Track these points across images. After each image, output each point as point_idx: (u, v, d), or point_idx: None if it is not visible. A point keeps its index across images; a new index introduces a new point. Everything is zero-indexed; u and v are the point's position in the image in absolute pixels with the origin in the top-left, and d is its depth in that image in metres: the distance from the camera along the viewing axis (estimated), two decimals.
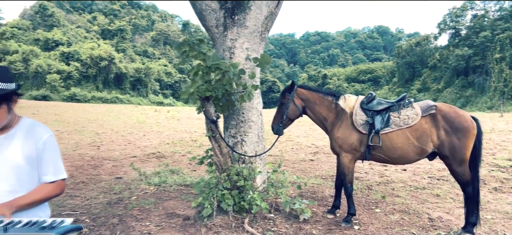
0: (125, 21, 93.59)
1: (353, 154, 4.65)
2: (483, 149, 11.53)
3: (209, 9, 4.89)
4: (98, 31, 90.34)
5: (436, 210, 5.41)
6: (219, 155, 4.66)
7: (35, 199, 1.81)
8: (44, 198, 1.86)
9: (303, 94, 4.98)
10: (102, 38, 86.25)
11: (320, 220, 4.89)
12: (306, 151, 11.92)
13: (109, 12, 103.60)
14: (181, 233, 4.34)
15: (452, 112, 4.36)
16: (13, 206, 1.69)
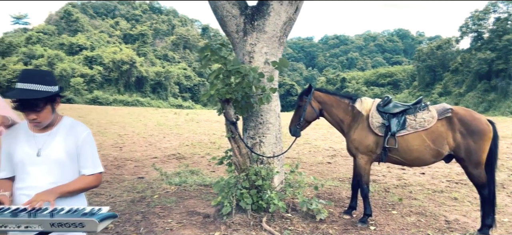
0: (146, 26, 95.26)
1: (369, 156, 4.74)
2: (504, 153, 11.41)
3: (229, 15, 5.08)
4: (120, 35, 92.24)
5: (453, 213, 5.44)
6: (238, 155, 4.82)
7: (76, 188, 2.01)
8: (83, 187, 2.05)
9: (320, 97, 5.10)
10: (124, 42, 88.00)
11: (336, 220, 4.99)
12: (323, 154, 11.98)
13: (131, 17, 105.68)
14: (201, 230, 4.52)
15: (468, 116, 4.41)
16: (56, 192, 1.89)
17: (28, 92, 1.84)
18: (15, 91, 1.85)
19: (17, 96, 1.84)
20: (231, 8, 5.07)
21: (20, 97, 1.84)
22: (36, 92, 1.85)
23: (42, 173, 1.97)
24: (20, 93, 1.84)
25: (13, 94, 1.84)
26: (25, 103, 1.86)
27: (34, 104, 1.88)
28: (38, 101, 1.88)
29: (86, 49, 75.18)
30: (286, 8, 5.01)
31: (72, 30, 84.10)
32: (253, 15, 5.04)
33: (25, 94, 1.84)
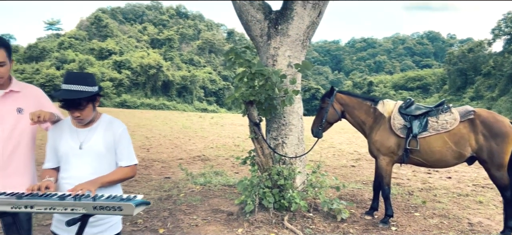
0: (173, 31, 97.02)
1: (390, 157, 4.80)
2: None
3: (254, 20, 5.26)
4: (148, 40, 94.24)
5: (477, 216, 5.40)
6: (261, 156, 4.98)
7: (114, 178, 2.22)
8: (120, 178, 2.26)
9: (342, 99, 5.20)
10: (151, 47, 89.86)
11: (357, 220, 5.07)
12: (348, 158, 11.97)
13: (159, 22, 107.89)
14: (225, 227, 4.70)
15: (491, 118, 4.40)
16: (97, 183, 2.10)
17: (72, 92, 2.06)
18: (60, 92, 2.08)
19: (63, 96, 2.06)
20: (255, 13, 5.25)
21: (65, 98, 2.06)
22: (79, 92, 2.07)
23: (83, 164, 2.19)
24: (65, 93, 2.06)
25: (59, 94, 2.07)
26: (70, 103, 2.09)
27: (78, 103, 2.09)
28: (81, 101, 2.09)
29: (115, 54, 77.20)
30: (310, 12, 5.14)
31: (102, 36, 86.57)
32: (277, 19, 5.20)
33: (69, 94, 2.05)
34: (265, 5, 5.38)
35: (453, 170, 9.31)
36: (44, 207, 1.84)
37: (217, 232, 4.48)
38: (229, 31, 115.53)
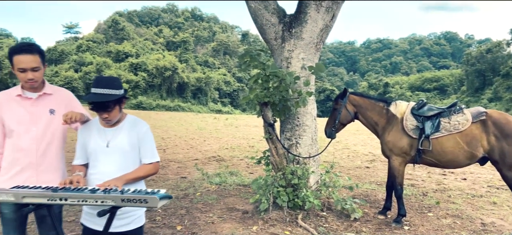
0: (188, 33, 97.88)
1: (403, 158, 4.87)
2: None
3: (269, 24, 5.40)
4: (164, 43, 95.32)
5: (490, 216, 5.42)
6: (276, 155, 5.11)
7: (138, 175, 2.38)
8: (144, 175, 2.43)
9: (355, 100, 5.29)
10: (167, 49, 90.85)
11: (371, 220, 5.15)
12: (362, 159, 11.99)
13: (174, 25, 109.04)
14: (240, 224, 4.84)
15: (502, 119, 4.44)
16: (123, 179, 2.27)
17: (101, 96, 2.23)
18: (90, 95, 2.25)
19: (93, 99, 2.23)
20: (270, 16, 5.39)
21: (96, 100, 2.23)
22: (108, 95, 2.24)
23: (110, 161, 2.36)
24: (95, 97, 2.24)
25: (89, 97, 2.24)
26: (99, 105, 2.26)
27: (106, 105, 2.27)
28: (109, 103, 2.27)
29: (132, 56, 78.29)
30: (323, 15, 5.25)
31: (119, 38, 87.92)
32: (291, 23, 5.33)
33: (99, 97, 2.23)
34: (279, 9, 5.51)
35: (468, 171, 9.26)
36: (77, 199, 2.01)
37: (232, 229, 4.63)
38: (243, 33, 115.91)
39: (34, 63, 2.39)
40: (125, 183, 2.26)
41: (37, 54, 2.41)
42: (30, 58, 2.37)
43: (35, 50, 2.40)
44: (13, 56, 2.36)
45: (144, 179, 2.51)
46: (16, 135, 2.46)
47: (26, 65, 2.37)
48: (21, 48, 2.37)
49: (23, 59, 2.36)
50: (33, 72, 2.40)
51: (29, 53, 2.37)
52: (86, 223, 2.41)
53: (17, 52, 2.36)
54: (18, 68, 2.37)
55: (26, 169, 2.48)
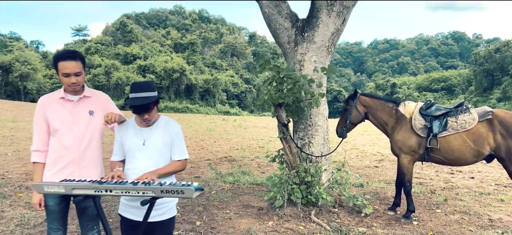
0: (196, 35, 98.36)
1: (412, 156, 5.07)
2: None
3: (282, 28, 5.63)
4: (171, 45, 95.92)
5: (498, 213, 5.59)
6: (289, 154, 5.34)
7: (169, 171, 2.62)
8: (174, 170, 2.67)
9: (365, 101, 5.50)
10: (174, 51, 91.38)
11: (381, 215, 5.35)
12: (371, 158, 12.16)
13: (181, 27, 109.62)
14: (256, 220, 5.07)
15: (508, 118, 4.63)
16: (156, 173, 2.50)
17: (141, 99, 2.47)
18: (132, 99, 2.49)
19: (136, 103, 2.47)
20: (283, 21, 5.63)
21: (138, 104, 2.47)
22: (147, 98, 2.48)
23: (146, 157, 2.59)
24: (136, 101, 2.47)
25: (131, 101, 2.48)
26: (140, 108, 2.50)
27: (147, 107, 2.51)
28: (149, 105, 2.51)
29: (140, 58, 78.93)
30: (334, 20, 5.47)
31: (127, 41, 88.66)
32: (303, 27, 5.56)
33: (140, 101, 2.46)
34: (292, 14, 5.74)
35: (476, 170, 9.41)
36: (121, 190, 2.26)
37: (249, 224, 4.86)
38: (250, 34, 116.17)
39: (76, 68, 2.65)
40: (158, 177, 2.50)
41: (79, 61, 2.67)
42: (73, 64, 2.63)
43: (77, 57, 2.66)
44: (58, 62, 2.62)
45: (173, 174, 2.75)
46: (60, 134, 2.71)
47: (70, 71, 2.62)
48: (65, 55, 2.63)
49: (67, 65, 2.61)
50: (76, 76, 2.66)
51: (72, 60, 2.62)
52: (124, 213, 2.65)
53: (62, 59, 2.61)
54: (62, 73, 2.63)
55: (69, 164, 2.73)
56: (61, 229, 2.81)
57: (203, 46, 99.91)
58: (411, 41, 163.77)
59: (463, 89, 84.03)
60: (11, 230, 4.54)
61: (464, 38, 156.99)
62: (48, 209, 2.76)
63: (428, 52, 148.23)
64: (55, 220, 2.77)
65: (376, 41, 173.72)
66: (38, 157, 2.73)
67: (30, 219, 4.95)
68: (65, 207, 2.82)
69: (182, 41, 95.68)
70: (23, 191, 6.53)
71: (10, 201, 5.83)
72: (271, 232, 4.59)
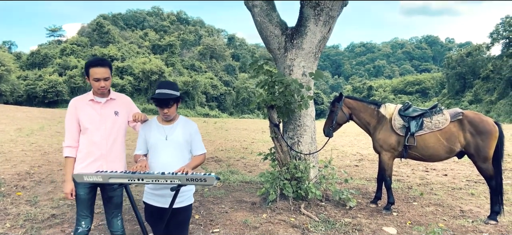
0: (174, 37, 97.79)
1: (392, 153, 5.59)
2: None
3: (273, 35, 6.07)
4: (149, 46, 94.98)
5: (468, 205, 6.18)
6: (280, 152, 5.77)
7: (197, 164, 3.01)
8: (200, 163, 3.05)
9: (349, 103, 6.00)
10: (153, 53, 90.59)
11: (364, 208, 5.85)
12: (351, 158, 12.75)
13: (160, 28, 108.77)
14: (250, 213, 5.47)
15: (476, 118, 5.21)
16: (190, 166, 2.87)
17: (164, 94, 2.85)
18: (156, 94, 2.86)
19: (158, 97, 2.84)
20: (274, 29, 6.06)
21: (160, 98, 2.84)
22: (169, 94, 2.86)
23: (168, 151, 2.95)
24: (159, 95, 2.84)
25: (155, 95, 2.85)
26: (162, 102, 2.87)
27: (167, 102, 2.88)
28: (169, 101, 2.88)
29: (117, 60, 77.78)
30: (321, 28, 5.95)
31: (104, 42, 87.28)
32: (293, 34, 6.01)
33: (163, 96, 2.84)
34: (282, 22, 6.19)
35: (449, 168, 10.09)
36: (151, 179, 2.62)
37: (244, 217, 5.25)
38: (230, 36, 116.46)
39: (105, 74, 3.00)
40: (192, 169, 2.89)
41: (108, 67, 3.02)
42: (103, 70, 2.98)
43: (106, 64, 3.01)
44: (89, 68, 2.97)
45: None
46: (90, 132, 3.05)
47: (100, 76, 2.97)
48: (96, 63, 2.98)
49: (97, 71, 2.96)
50: (105, 81, 3.01)
51: (102, 66, 2.97)
52: (148, 201, 3.01)
53: (93, 66, 2.96)
54: (93, 78, 2.97)
55: (98, 159, 3.07)
56: (89, 216, 3.14)
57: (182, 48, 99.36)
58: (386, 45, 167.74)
59: (437, 92, 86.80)
60: (21, 225, 4.79)
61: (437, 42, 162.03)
62: (79, 198, 3.09)
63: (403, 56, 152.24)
64: (84, 207, 3.11)
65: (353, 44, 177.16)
66: (70, 152, 3.05)
67: (36, 215, 5.20)
68: (93, 197, 3.16)
69: (160, 43, 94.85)
70: (20, 190, 6.72)
71: (11, 200, 6.03)
72: (265, 223, 5.00)
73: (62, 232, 4.60)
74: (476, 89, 69.42)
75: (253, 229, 4.81)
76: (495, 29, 69.21)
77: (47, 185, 7.29)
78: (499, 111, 58.39)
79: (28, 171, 8.67)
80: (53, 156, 11.43)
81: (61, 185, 7.29)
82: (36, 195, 6.37)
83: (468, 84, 74.10)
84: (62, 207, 5.68)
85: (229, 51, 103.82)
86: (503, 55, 65.88)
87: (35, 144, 14.45)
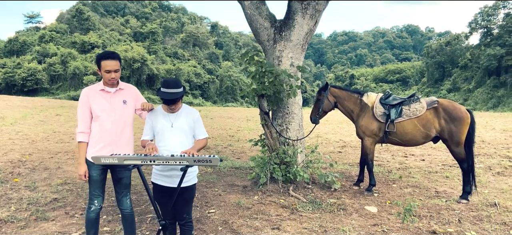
0: (156, 24, 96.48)
1: (373, 138, 6.02)
2: (500, 143, 12.55)
3: (262, 27, 6.38)
4: (131, 33, 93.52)
5: (443, 187, 6.69)
6: (270, 139, 6.12)
7: (201, 146, 3.31)
8: (203, 146, 3.36)
9: (335, 92, 6.39)
10: (134, 40, 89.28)
11: (347, 190, 6.29)
12: (334, 145, 13.24)
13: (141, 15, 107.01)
14: (243, 195, 5.84)
15: (450, 106, 5.67)
16: (196, 149, 3.17)
17: (172, 94, 3.11)
18: (163, 94, 3.13)
19: (166, 97, 3.12)
20: (263, 21, 6.37)
21: (168, 98, 3.12)
22: (176, 94, 3.13)
23: (174, 137, 3.25)
24: (167, 95, 3.11)
25: (162, 95, 3.12)
26: (169, 101, 3.16)
27: (175, 100, 3.17)
28: (177, 99, 3.18)
29: (98, 47, 76.42)
30: (308, 21, 6.28)
31: (84, 29, 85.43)
32: (281, 27, 6.33)
33: (171, 96, 3.11)
34: (271, 15, 6.50)
35: (426, 153, 10.67)
36: (162, 160, 2.93)
37: (237, 199, 5.61)
38: (212, 24, 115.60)
39: (116, 66, 3.27)
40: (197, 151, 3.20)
41: (118, 60, 3.29)
42: (114, 63, 3.25)
43: (116, 57, 3.29)
44: (101, 61, 3.24)
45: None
46: (101, 119, 3.32)
47: (111, 68, 3.24)
48: (107, 56, 3.24)
49: (109, 64, 3.23)
50: (115, 73, 3.28)
51: (113, 59, 3.25)
52: (156, 181, 3.31)
53: (104, 58, 3.23)
54: (104, 70, 3.24)
55: (109, 144, 3.35)
56: (101, 195, 3.44)
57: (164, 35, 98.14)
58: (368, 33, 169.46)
59: (416, 80, 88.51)
60: (25, 208, 5.03)
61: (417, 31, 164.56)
62: (92, 179, 3.37)
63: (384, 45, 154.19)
64: (97, 187, 3.40)
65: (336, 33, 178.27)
66: (83, 137, 3.33)
67: (39, 199, 5.44)
68: (104, 178, 3.45)
69: (142, 30, 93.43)
70: (16, 176, 6.90)
71: (10, 185, 6.23)
72: (257, 204, 5.37)
73: (66, 214, 4.87)
74: (454, 78, 71.14)
75: (246, 209, 5.17)
76: (473, 19, 70.84)
77: (41, 171, 7.49)
78: (476, 99, 60.23)
79: (20, 158, 8.81)
80: (41, 144, 11.53)
81: (56, 172, 7.50)
82: (33, 181, 6.58)
83: (447, 73, 75.81)
84: (61, 192, 5.92)
85: (212, 39, 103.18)
86: (481, 45, 67.58)
87: (20, 132, 14.45)
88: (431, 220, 4.82)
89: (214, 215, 4.96)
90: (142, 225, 4.61)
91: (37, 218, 4.69)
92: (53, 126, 17.88)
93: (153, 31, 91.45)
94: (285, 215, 4.99)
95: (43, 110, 27.36)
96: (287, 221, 4.74)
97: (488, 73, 63.03)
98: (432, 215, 4.99)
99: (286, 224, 4.62)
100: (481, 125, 21.50)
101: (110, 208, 5.18)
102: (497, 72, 61.51)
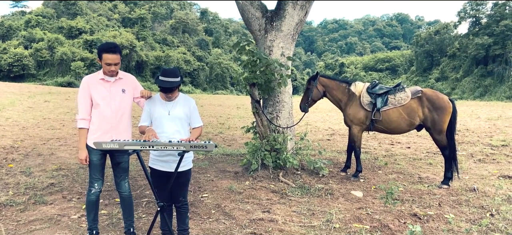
0: (145, 10, 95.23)
1: (360, 126, 6.26)
2: (483, 132, 12.94)
3: (254, 17, 6.52)
4: (119, 19, 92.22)
5: (426, 173, 6.99)
6: (261, 126, 6.32)
7: (197, 135, 3.49)
8: (199, 134, 3.53)
9: (324, 81, 6.59)
10: (123, 26, 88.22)
11: (335, 176, 6.54)
12: (323, 133, 13.52)
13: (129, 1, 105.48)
14: (234, 181, 6.04)
15: (433, 95, 5.92)
16: (195, 135, 3.36)
17: (169, 83, 3.27)
18: (161, 81, 3.29)
19: (164, 85, 3.28)
20: (255, 11, 6.51)
21: (165, 87, 3.28)
22: (173, 82, 3.30)
23: (171, 124, 3.42)
24: (165, 83, 3.28)
25: (160, 83, 3.28)
26: (166, 89, 3.32)
27: (172, 89, 3.33)
28: (174, 88, 3.34)
29: (86, 33, 75.32)
30: (298, 12, 6.45)
31: (71, 13, 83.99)
32: (272, 17, 6.48)
33: (168, 84, 3.27)
34: (262, 5, 6.64)
35: (412, 141, 11.00)
36: (160, 146, 3.10)
37: (229, 184, 5.81)
38: (202, 10, 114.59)
39: (116, 60, 3.43)
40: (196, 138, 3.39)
41: (119, 54, 3.45)
42: (115, 56, 3.40)
43: (117, 50, 3.44)
44: (102, 54, 3.38)
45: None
46: (101, 107, 3.47)
47: (111, 61, 3.39)
48: (109, 49, 3.38)
49: (110, 57, 3.38)
50: (115, 66, 3.44)
51: (114, 53, 3.40)
52: (154, 165, 3.49)
53: (106, 52, 3.37)
54: (105, 62, 3.39)
55: (108, 131, 3.51)
56: (101, 178, 3.61)
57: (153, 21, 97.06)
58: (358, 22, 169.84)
59: (406, 69, 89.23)
60: (23, 192, 5.17)
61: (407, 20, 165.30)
62: (92, 163, 3.54)
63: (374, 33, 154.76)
64: (97, 171, 3.57)
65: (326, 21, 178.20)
66: (84, 124, 3.48)
67: (35, 184, 5.58)
68: (104, 162, 3.62)
69: (130, 16, 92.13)
70: (10, 162, 7.00)
71: (5, 171, 6.34)
72: (248, 189, 5.58)
73: (64, 198, 5.03)
74: (442, 67, 71.85)
75: (237, 194, 5.39)
76: (462, 8, 71.29)
77: (35, 157, 7.59)
78: (464, 88, 61.10)
79: (12, 145, 8.88)
80: (32, 131, 11.57)
81: (49, 158, 7.61)
82: (28, 167, 6.69)
83: (435, 62, 76.46)
84: (57, 177, 6.06)
85: (202, 25, 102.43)
86: (470, 34, 68.14)
87: (10, 119, 14.42)
88: (413, 203, 5.09)
89: (207, 199, 5.16)
90: (138, 208, 4.79)
91: (35, 201, 4.84)
92: (42, 112, 17.82)
93: (142, 16, 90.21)
94: (275, 199, 5.22)
95: (31, 97, 27.11)
96: (277, 205, 4.96)
97: (475, 63, 63.79)
98: (414, 199, 5.26)
99: (276, 208, 4.85)
100: (467, 114, 22.02)
101: (106, 193, 5.34)
102: (484, 61, 62.29)
